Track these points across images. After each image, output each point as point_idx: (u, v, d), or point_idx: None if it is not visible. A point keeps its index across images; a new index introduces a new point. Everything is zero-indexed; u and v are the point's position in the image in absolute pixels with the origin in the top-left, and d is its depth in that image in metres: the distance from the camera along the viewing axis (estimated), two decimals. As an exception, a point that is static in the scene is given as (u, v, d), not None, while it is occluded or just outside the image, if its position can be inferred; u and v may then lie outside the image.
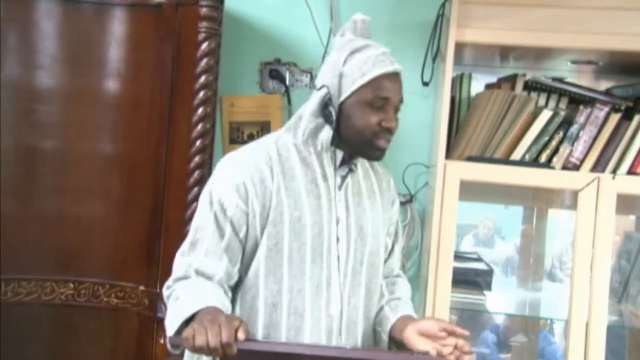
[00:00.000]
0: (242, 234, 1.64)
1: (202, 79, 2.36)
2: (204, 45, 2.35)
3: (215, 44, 2.38)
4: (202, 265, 1.63)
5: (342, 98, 1.64)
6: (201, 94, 2.36)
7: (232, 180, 1.65)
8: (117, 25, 2.60)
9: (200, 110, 2.36)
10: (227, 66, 2.67)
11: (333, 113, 1.64)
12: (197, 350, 1.37)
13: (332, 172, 1.69)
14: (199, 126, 2.36)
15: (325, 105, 1.66)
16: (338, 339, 1.67)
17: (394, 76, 1.65)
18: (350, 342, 1.69)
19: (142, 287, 2.58)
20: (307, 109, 1.68)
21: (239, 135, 2.78)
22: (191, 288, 1.58)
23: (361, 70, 1.63)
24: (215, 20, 2.37)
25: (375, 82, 1.62)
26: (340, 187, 1.71)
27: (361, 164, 1.80)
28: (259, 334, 1.64)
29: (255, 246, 1.65)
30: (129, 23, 2.59)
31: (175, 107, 2.55)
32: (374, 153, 1.66)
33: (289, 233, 1.62)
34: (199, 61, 2.35)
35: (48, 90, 2.60)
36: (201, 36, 2.35)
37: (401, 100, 1.67)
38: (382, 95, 1.62)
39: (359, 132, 1.64)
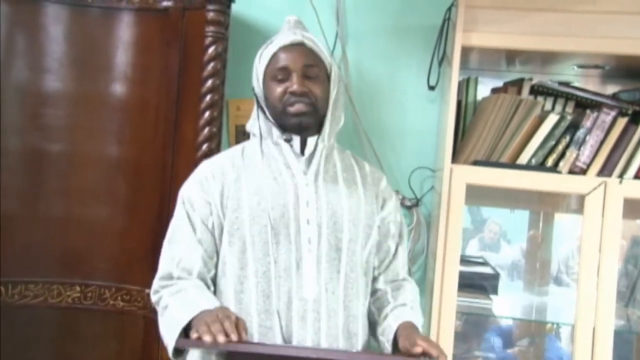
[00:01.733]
0: (210, 225, 1.75)
1: (209, 83, 2.36)
2: (211, 50, 2.36)
3: (221, 48, 2.38)
4: (181, 260, 1.74)
5: (259, 88, 1.80)
6: (208, 97, 2.37)
7: (197, 177, 1.82)
8: (124, 30, 2.60)
9: (206, 114, 2.37)
10: (234, 70, 2.67)
11: (259, 101, 1.81)
12: (210, 347, 1.46)
13: (293, 158, 1.77)
14: (206, 130, 2.37)
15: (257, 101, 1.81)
16: (316, 326, 1.67)
17: (292, 46, 1.76)
18: (332, 331, 1.68)
19: (148, 290, 2.57)
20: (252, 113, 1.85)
21: (245, 139, 2.77)
22: (179, 296, 1.68)
23: (263, 56, 1.81)
24: (222, 24, 2.38)
25: (273, 59, 1.77)
26: (306, 173, 1.76)
27: (341, 158, 1.85)
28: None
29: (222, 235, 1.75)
30: (135, 27, 2.60)
31: (182, 111, 2.55)
32: (290, 120, 1.75)
33: (249, 218, 1.70)
34: (205, 65, 2.36)
35: (55, 93, 2.61)
36: (208, 40, 2.35)
37: (310, 65, 1.74)
38: (278, 66, 1.75)
39: (274, 107, 1.76)
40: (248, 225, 1.70)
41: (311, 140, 1.78)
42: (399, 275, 1.88)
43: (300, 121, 1.74)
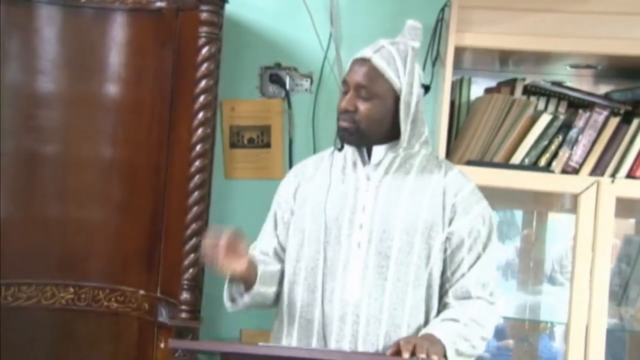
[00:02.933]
0: (286, 218, 1.86)
1: (203, 83, 2.36)
2: (205, 50, 2.35)
3: (215, 48, 2.38)
4: (259, 245, 1.90)
5: None
6: (201, 98, 2.36)
7: (286, 177, 1.94)
8: (118, 31, 2.60)
9: (200, 114, 2.36)
10: (228, 71, 2.67)
11: None
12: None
13: (361, 164, 1.78)
14: (200, 130, 2.37)
15: None
16: (354, 329, 1.67)
17: (359, 61, 1.74)
18: (371, 337, 1.67)
19: (142, 292, 2.59)
20: None
21: (240, 140, 2.78)
22: None
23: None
24: (215, 25, 2.38)
25: (348, 69, 1.77)
26: (369, 179, 1.75)
27: (424, 167, 1.79)
28: (284, 310, 1.79)
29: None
30: (129, 28, 2.60)
31: (176, 112, 2.55)
32: (338, 134, 1.77)
33: (310, 215, 1.77)
34: (199, 66, 2.36)
35: (49, 95, 2.60)
36: (201, 41, 2.35)
37: (362, 86, 1.71)
38: (344, 78, 1.77)
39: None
40: (308, 221, 1.77)
41: (377, 149, 1.77)
42: (470, 293, 1.74)
43: (342, 136, 1.76)
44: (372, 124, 1.72)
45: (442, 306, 1.77)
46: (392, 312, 1.69)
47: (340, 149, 1.81)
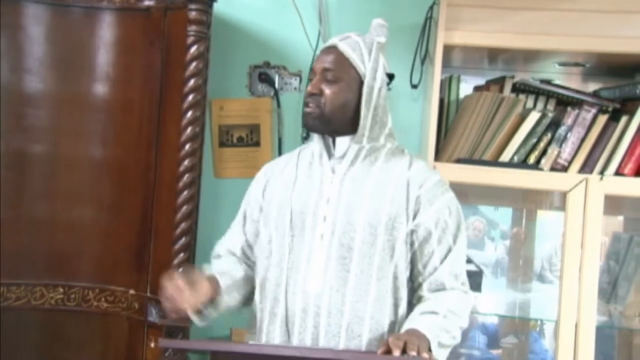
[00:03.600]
0: (255, 216, 1.88)
1: (191, 82, 2.36)
2: (193, 49, 2.35)
3: (204, 47, 2.38)
4: (227, 243, 1.93)
5: None
6: (190, 97, 2.36)
7: (256, 177, 1.94)
8: (106, 30, 2.59)
9: (189, 113, 2.36)
10: (217, 70, 2.67)
11: None
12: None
13: (326, 157, 1.80)
14: (189, 130, 2.36)
15: None
16: (316, 321, 1.68)
17: (326, 49, 1.79)
18: (332, 329, 1.68)
19: (132, 291, 2.58)
20: None
21: (229, 139, 2.78)
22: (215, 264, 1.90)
23: None
24: (204, 23, 2.37)
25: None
26: (334, 172, 1.77)
27: (388, 159, 1.80)
28: (257, 305, 1.81)
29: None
30: (117, 27, 2.59)
31: (165, 111, 2.54)
32: (303, 120, 1.82)
33: (277, 210, 1.79)
34: (188, 65, 2.36)
35: (37, 94, 2.59)
36: (190, 40, 2.35)
37: (329, 69, 1.75)
38: (311, 68, 1.83)
39: None
40: (275, 216, 1.79)
41: (341, 140, 1.79)
42: (445, 285, 1.75)
43: (307, 122, 1.79)
44: (336, 108, 1.75)
45: (417, 299, 1.77)
46: (355, 304, 1.69)
47: (306, 137, 1.83)
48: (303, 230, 1.74)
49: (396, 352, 1.49)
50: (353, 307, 1.69)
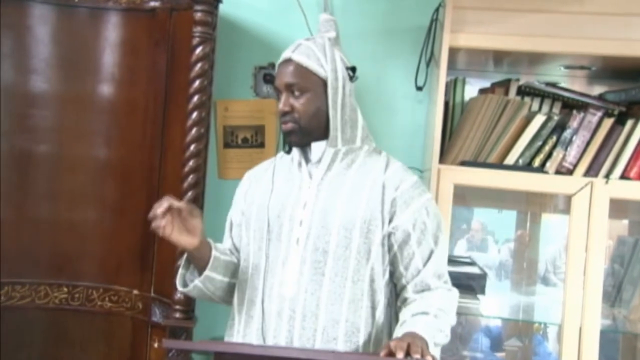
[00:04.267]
0: (238, 220, 1.91)
1: (197, 83, 2.36)
2: (198, 50, 2.35)
3: (209, 48, 2.38)
4: (220, 246, 1.91)
5: None
6: (195, 98, 2.36)
7: (240, 182, 1.98)
8: (112, 30, 2.60)
9: (194, 114, 2.36)
10: (222, 71, 2.67)
11: None
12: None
13: (304, 162, 1.82)
14: (193, 130, 2.37)
15: None
16: (290, 324, 1.69)
17: (282, 64, 1.81)
18: (306, 332, 1.69)
19: (136, 291, 2.58)
20: None
21: (233, 140, 2.78)
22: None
23: None
24: (209, 24, 2.37)
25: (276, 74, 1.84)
26: (311, 176, 1.79)
27: (365, 161, 1.82)
28: (235, 307, 1.84)
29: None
30: (123, 28, 2.60)
31: (170, 112, 2.55)
32: (284, 139, 1.84)
33: (256, 214, 1.83)
34: (193, 66, 2.36)
35: (42, 95, 2.60)
36: (195, 41, 2.35)
37: (292, 84, 1.76)
38: (274, 85, 1.83)
39: None
40: (253, 220, 1.83)
41: (316, 146, 1.80)
42: (430, 285, 1.77)
43: (290, 141, 1.81)
44: (311, 118, 1.77)
45: (402, 301, 1.79)
46: (329, 307, 1.70)
47: (289, 152, 1.87)
48: (280, 235, 1.77)
49: (399, 355, 1.49)
50: (328, 310, 1.70)
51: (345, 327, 1.71)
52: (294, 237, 1.75)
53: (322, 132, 1.79)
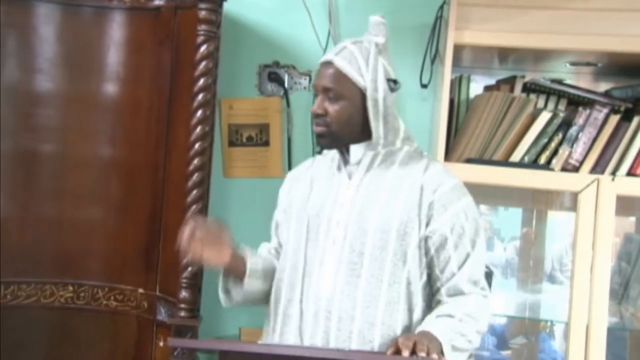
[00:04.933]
0: (281, 219, 1.92)
1: (201, 81, 2.35)
2: (203, 48, 2.35)
3: (214, 46, 2.38)
4: (267, 245, 1.98)
5: None
6: (200, 96, 2.36)
7: (283, 182, 1.98)
8: (116, 29, 2.60)
9: (199, 113, 2.36)
10: (226, 69, 2.67)
11: None
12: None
13: (342, 163, 1.82)
14: (198, 129, 2.36)
15: None
16: (326, 325, 1.68)
17: (324, 65, 1.77)
18: (342, 334, 1.67)
19: (141, 290, 2.58)
20: None
21: (238, 138, 2.78)
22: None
23: None
24: (214, 23, 2.37)
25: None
26: (350, 178, 1.78)
27: (406, 163, 1.79)
28: (271, 306, 1.82)
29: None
30: (127, 27, 2.60)
31: (174, 110, 2.55)
32: (315, 139, 1.87)
33: (295, 214, 1.83)
34: (197, 64, 2.35)
35: (47, 94, 2.60)
36: (200, 39, 2.35)
37: (328, 88, 1.74)
38: (313, 84, 1.84)
39: None
40: (294, 220, 1.83)
41: (355, 148, 1.79)
42: (463, 291, 1.73)
43: (318, 142, 1.82)
44: (343, 125, 1.74)
45: (435, 303, 1.76)
46: (365, 309, 1.68)
47: (320, 152, 1.88)
48: (318, 235, 1.76)
49: (405, 353, 1.48)
50: (363, 312, 1.68)
51: (382, 329, 1.68)
52: (331, 237, 1.74)
53: (355, 137, 1.77)
